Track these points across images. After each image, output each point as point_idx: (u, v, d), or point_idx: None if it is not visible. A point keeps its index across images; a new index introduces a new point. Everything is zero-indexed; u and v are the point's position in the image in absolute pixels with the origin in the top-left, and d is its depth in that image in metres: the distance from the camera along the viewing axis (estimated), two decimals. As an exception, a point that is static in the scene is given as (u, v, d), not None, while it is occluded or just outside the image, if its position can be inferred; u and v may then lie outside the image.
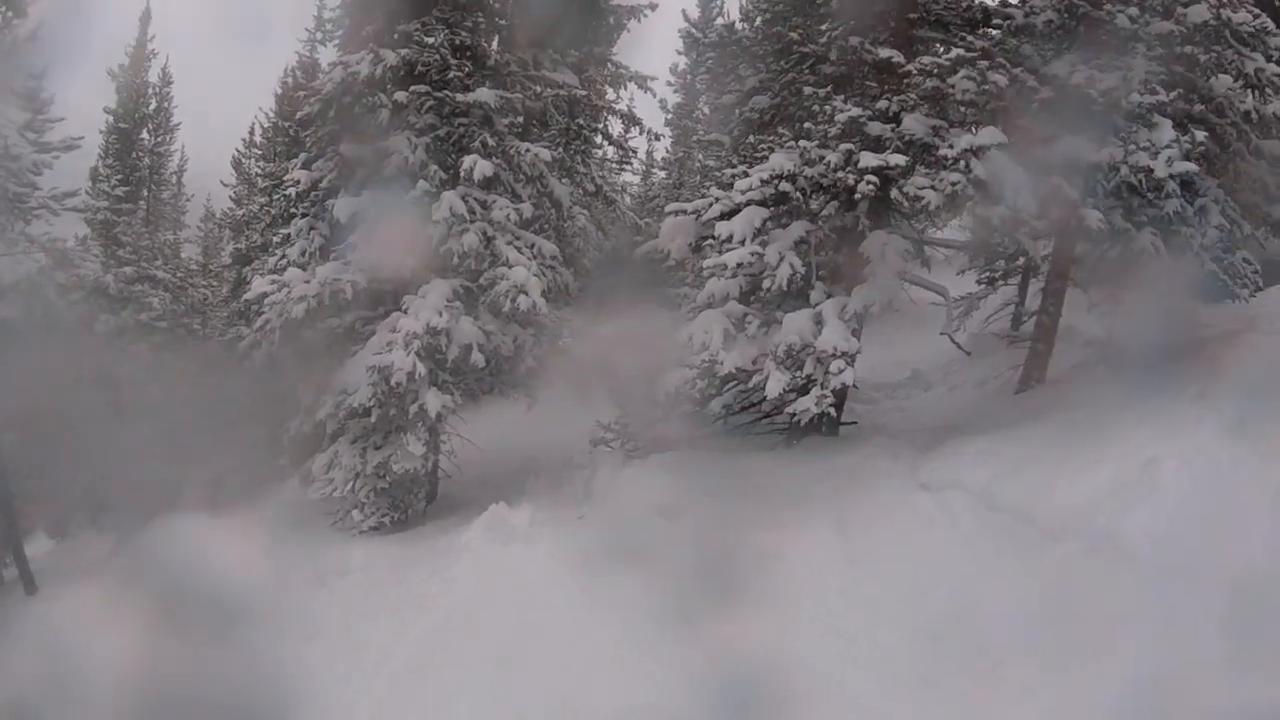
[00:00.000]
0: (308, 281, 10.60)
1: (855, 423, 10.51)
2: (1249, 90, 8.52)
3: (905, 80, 8.71)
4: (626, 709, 6.81)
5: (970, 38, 8.40)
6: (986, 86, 7.89)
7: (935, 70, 8.20)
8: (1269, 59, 8.32)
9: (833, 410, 9.43)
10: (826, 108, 8.90)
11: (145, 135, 23.90)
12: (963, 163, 8.12)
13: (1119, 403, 7.88)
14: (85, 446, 12.41)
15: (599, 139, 13.53)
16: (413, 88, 10.88)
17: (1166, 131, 7.57)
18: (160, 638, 7.85)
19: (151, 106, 23.88)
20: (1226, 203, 8.45)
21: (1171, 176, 7.43)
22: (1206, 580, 5.80)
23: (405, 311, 10.56)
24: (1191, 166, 7.53)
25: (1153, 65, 7.74)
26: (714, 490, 8.85)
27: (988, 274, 12.10)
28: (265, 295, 10.69)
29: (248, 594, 8.19)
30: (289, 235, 11.95)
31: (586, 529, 9.27)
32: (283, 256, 11.68)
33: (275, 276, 10.94)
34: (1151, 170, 7.47)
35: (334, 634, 8.52)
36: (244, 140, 23.28)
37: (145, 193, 23.04)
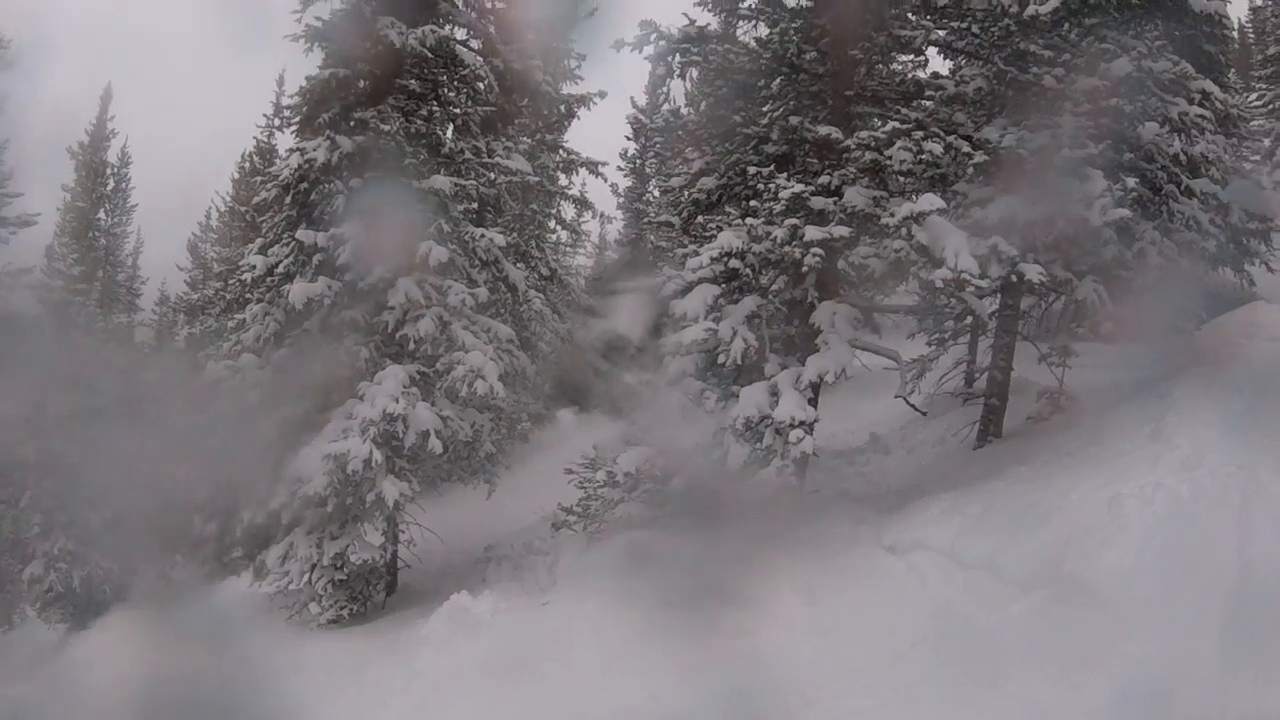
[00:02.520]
0: (262, 369, 10.48)
1: (818, 491, 10.51)
2: (1175, 134, 8.92)
3: (845, 155, 9.01)
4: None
5: (905, 110, 8.76)
6: (923, 155, 8.20)
7: (873, 144, 8.51)
8: (1191, 102, 8.74)
9: (794, 480, 9.43)
10: (770, 185, 9.17)
11: (102, 215, 23.62)
12: (904, 230, 8.37)
13: (1076, 448, 8.02)
14: (32, 533, 11.97)
15: (552, 223, 13.80)
16: (368, 175, 11.01)
17: (1098, 182, 7.88)
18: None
19: (109, 186, 23.58)
20: (1164, 243, 8.74)
21: (1106, 224, 7.72)
22: (1180, 611, 5.83)
23: (361, 398, 10.48)
24: (1125, 212, 7.83)
25: (1081, 120, 8.10)
26: (680, 569, 8.74)
27: (938, 335, 12.34)
28: (221, 380, 10.55)
29: (197, 696, 7.81)
30: (244, 320, 11.88)
31: (552, 616, 9.02)
32: (237, 342, 11.58)
33: (230, 362, 10.83)
34: (1086, 220, 7.76)
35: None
36: (200, 224, 23.26)
37: (100, 273, 22.64)
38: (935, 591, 7.55)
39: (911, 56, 9.59)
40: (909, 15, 8.96)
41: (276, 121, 20.67)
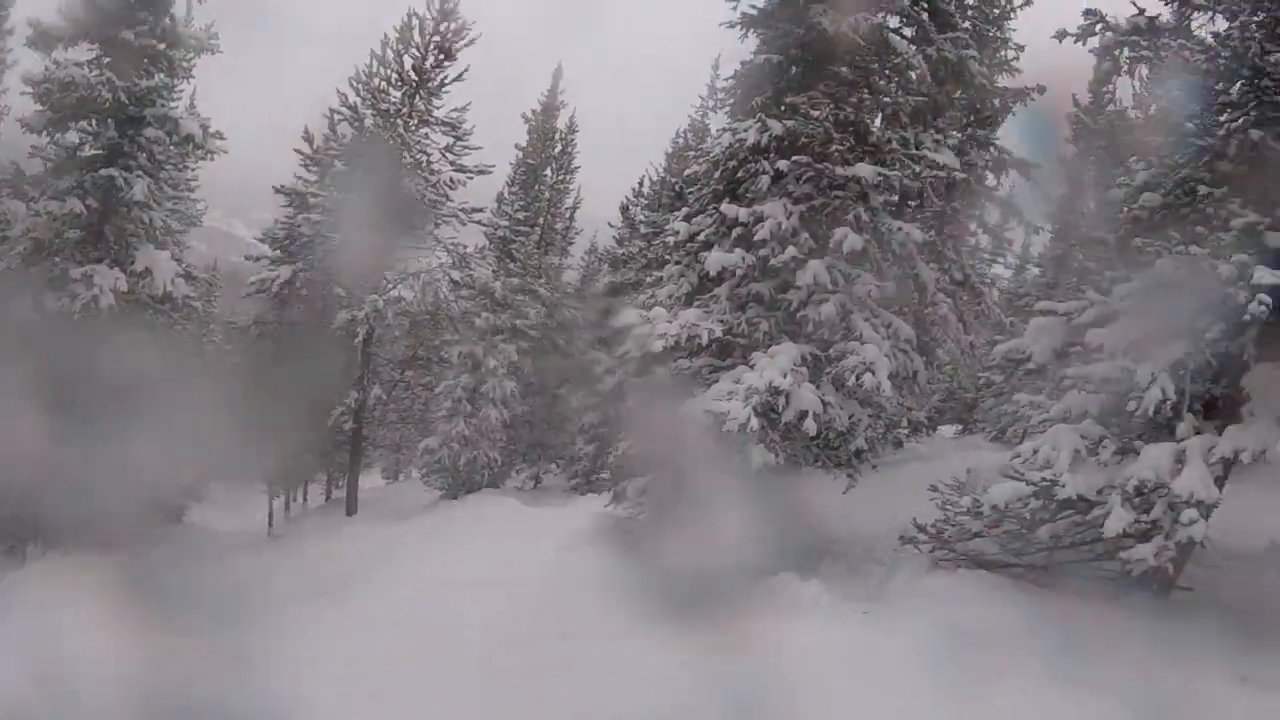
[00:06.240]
0: (670, 322, 11.42)
1: (1190, 589, 8.90)
2: None
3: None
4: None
5: None
6: None
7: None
8: None
9: (1170, 566, 8.22)
10: (1221, 212, 7.90)
11: (549, 173, 26.93)
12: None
13: None
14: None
15: (973, 225, 13.02)
16: (794, 158, 11.36)
17: None
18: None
19: (557, 149, 26.88)
20: None
21: None
22: None
23: (752, 367, 10.94)
24: None
25: None
26: (1021, 631, 8.08)
27: None
28: (631, 326, 11.70)
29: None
30: (661, 278, 13.00)
31: (871, 627, 8.85)
32: (652, 295, 12.71)
33: (642, 312, 11.95)
34: None
35: (594, 636, 8.97)
36: (633, 190, 25.61)
37: (541, 220, 25.90)
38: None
39: None
40: None
41: (710, 102, 22.33)
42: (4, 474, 10.61)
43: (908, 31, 11.65)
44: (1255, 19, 8.33)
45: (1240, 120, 8.50)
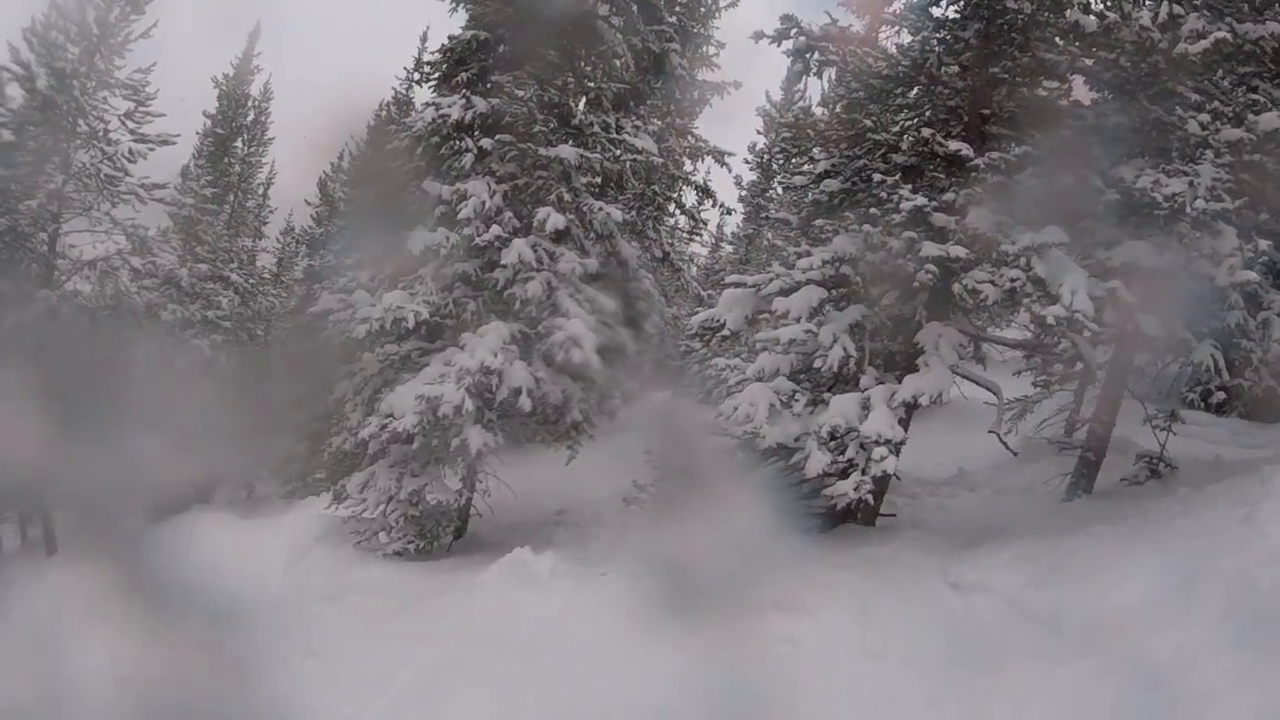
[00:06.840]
0: (373, 305, 10.94)
1: (894, 515, 10.30)
2: (1319, 200, 8.26)
3: (973, 174, 8.73)
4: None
5: (1040, 136, 8.41)
6: (1053, 186, 7.87)
7: (1003, 165, 8.21)
8: (1342, 168, 8.09)
9: (871, 498, 9.25)
10: (894, 196, 8.96)
11: (239, 144, 24.95)
12: (1023, 259, 8.06)
13: (1164, 518, 7.63)
14: (131, 426, 12.84)
15: (672, 207, 13.87)
16: (498, 136, 11.32)
17: (1229, 239, 7.42)
18: (159, 628, 7.89)
19: (249, 118, 25.00)
20: (1294, 317, 8.15)
21: (1233, 286, 7.25)
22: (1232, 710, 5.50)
23: (462, 348, 10.80)
24: (1252, 276, 7.35)
25: (1220, 172, 7.61)
26: (739, 565, 8.70)
27: (1044, 378, 11.88)
28: (331, 312, 11.05)
29: (259, 597, 8.25)
30: (361, 259, 12.40)
31: (606, 587, 9.14)
32: (353, 278, 12.11)
33: (343, 295, 11.34)
34: (1213, 278, 7.31)
35: (337, 652, 8.54)
36: (333, 164, 24.36)
37: (231, 198, 23.96)
38: (991, 638, 7.35)
39: (1056, 84, 9.13)
40: (1056, 40, 8.54)
41: (416, 76, 21.68)
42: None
43: (616, 20, 12.00)
44: (937, 36, 9.47)
45: (914, 120, 9.68)
